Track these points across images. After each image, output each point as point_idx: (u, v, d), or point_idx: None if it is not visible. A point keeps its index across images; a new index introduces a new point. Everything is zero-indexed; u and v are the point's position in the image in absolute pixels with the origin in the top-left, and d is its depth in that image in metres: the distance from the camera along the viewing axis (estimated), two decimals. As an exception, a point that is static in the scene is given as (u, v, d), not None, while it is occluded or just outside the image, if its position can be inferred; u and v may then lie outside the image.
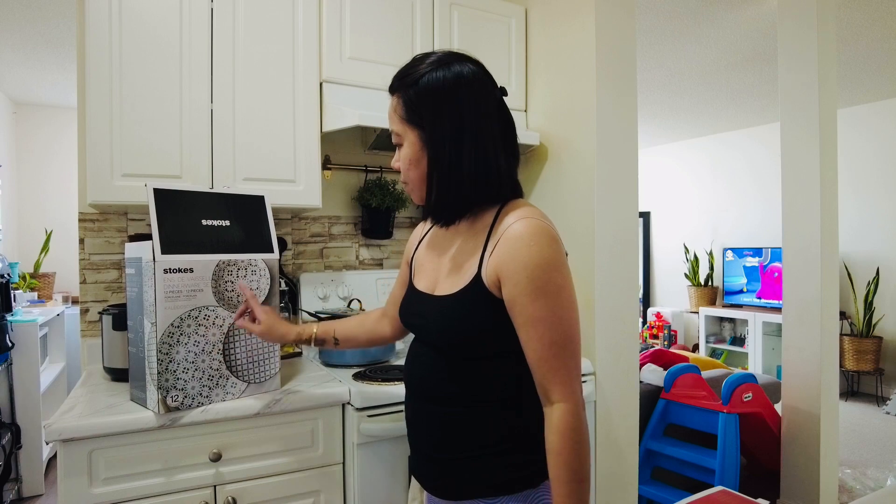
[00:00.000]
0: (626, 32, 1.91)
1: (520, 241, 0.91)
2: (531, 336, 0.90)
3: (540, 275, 0.89)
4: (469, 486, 0.98)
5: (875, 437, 3.81)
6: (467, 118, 0.95)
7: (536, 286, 0.89)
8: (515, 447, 0.97)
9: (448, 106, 0.96)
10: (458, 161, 0.95)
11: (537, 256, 0.89)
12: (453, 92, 0.96)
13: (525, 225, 0.92)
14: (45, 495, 2.92)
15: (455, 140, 0.95)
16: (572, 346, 0.90)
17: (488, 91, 1.01)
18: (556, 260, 0.90)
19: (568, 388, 0.89)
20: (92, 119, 1.50)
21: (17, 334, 2.77)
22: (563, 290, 0.90)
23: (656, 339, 6.00)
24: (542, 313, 0.89)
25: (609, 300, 1.88)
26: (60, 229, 4.43)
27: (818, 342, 2.29)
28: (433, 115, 0.96)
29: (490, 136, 0.97)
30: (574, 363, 0.90)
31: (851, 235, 4.90)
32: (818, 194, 2.28)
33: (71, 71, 3.72)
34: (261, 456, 1.39)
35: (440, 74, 0.96)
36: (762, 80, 4.13)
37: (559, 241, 0.93)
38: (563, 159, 2.00)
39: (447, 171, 0.96)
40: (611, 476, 1.90)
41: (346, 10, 1.82)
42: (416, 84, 0.97)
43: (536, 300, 0.89)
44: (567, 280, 0.91)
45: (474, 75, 0.99)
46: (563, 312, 0.89)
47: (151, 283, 1.24)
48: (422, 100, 0.97)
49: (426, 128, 0.97)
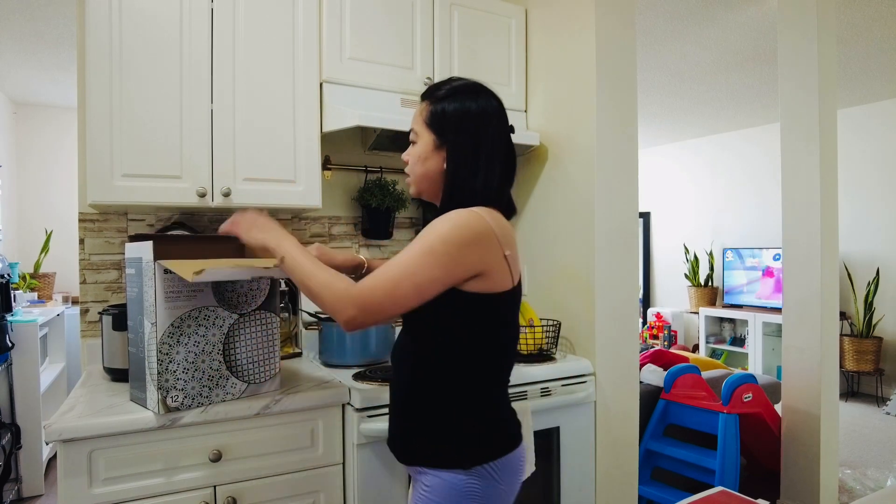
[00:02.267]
0: (627, 33, 1.91)
1: (442, 218, 1.07)
2: (388, 262, 1.05)
3: (429, 234, 1.04)
4: (411, 452, 1.11)
5: (875, 438, 3.81)
6: (485, 146, 1.13)
7: (419, 239, 1.05)
8: (447, 426, 1.08)
9: (472, 132, 1.13)
10: (472, 180, 1.12)
11: (439, 225, 1.05)
12: (478, 121, 1.13)
13: (457, 210, 1.07)
14: (45, 495, 2.92)
15: (472, 162, 1.12)
16: (395, 287, 1.01)
17: (504, 126, 1.17)
18: (450, 234, 1.03)
19: (367, 292, 1.02)
20: (92, 119, 1.50)
21: (17, 334, 2.77)
22: (429, 256, 1.02)
23: (656, 340, 6.00)
24: (409, 253, 1.04)
25: (609, 300, 1.88)
26: (60, 229, 4.43)
27: (818, 342, 2.29)
28: (458, 137, 1.13)
29: (498, 165, 1.14)
30: (382, 293, 1.02)
31: (851, 236, 4.90)
32: (818, 194, 2.28)
33: (71, 71, 3.71)
34: (261, 456, 1.39)
35: (470, 104, 1.14)
36: (762, 81, 4.13)
37: (473, 229, 1.04)
38: (563, 159, 2.00)
39: (460, 185, 1.13)
40: (611, 476, 1.90)
41: (346, 10, 1.82)
42: (446, 100, 1.15)
43: (410, 247, 1.04)
44: (444, 250, 1.02)
45: (496, 111, 1.16)
46: (410, 265, 1.02)
47: (151, 283, 1.24)
48: (450, 120, 1.14)
49: (446, 140, 1.14)
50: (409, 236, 2.27)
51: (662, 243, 6.59)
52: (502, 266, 1.08)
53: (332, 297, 1.03)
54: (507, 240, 1.10)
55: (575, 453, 1.83)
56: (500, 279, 1.09)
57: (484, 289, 1.07)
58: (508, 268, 1.10)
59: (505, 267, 1.09)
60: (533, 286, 2.15)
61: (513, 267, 1.11)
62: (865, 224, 4.84)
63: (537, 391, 1.73)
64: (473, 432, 1.08)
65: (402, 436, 1.13)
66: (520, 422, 1.17)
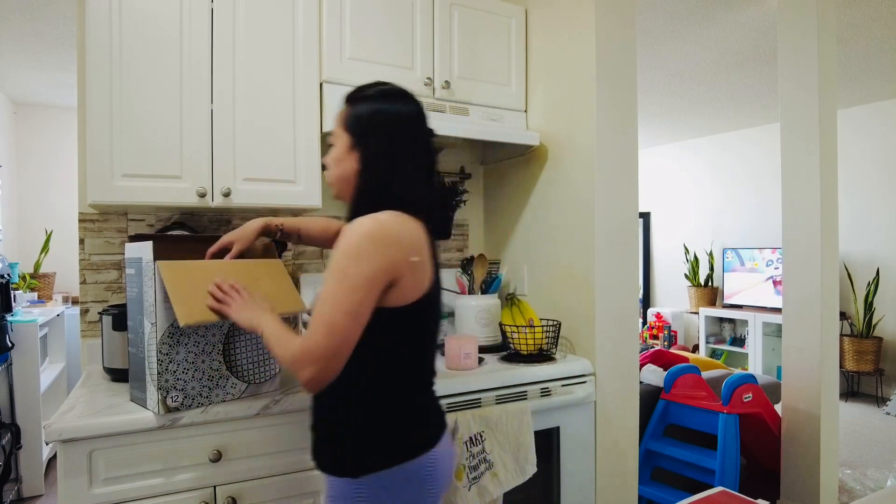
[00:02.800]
0: (627, 32, 1.91)
1: (344, 235, 1.06)
2: (315, 306, 1.04)
3: (338, 258, 1.03)
4: (317, 459, 1.13)
5: (875, 438, 3.81)
6: (398, 150, 1.14)
7: (332, 267, 1.04)
8: (347, 432, 1.09)
9: (385, 135, 1.14)
10: (383, 182, 1.13)
11: (344, 244, 1.04)
12: (392, 125, 1.14)
13: (357, 221, 1.06)
14: (45, 496, 2.92)
15: (383, 165, 1.13)
16: (331, 325, 1.00)
17: (421, 130, 1.18)
18: (356, 250, 1.02)
19: (311, 343, 1.01)
20: (92, 119, 1.50)
21: (17, 334, 2.77)
22: (347, 280, 1.01)
23: (656, 340, 6.00)
24: (327, 288, 1.03)
25: (609, 300, 1.88)
26: (60, 229, 4.43)
27: (818, 343, 2.29)
28: (371, 140, 1.14)
29: (413, 170, 1.15)
30: (323, 338, 1.00)
31: (851, 236, 4.90)
32: (818, 194, 2.28)
33: (71, 71, 3.71)
34: (261, 456, 1.39)
35: (385, 107, 1.15)
36: (762, 81, 4.13)
37: (374, 237, 1.04)
38: (563, 159, 2.00)
39: (370, 187, 1.13)
40: (611, 476, 1.90)
41: (346, 10, 1.82)
42: (364, 103, 1.16)
43: (327, 278, 1.03)
44: (357, 270, 1.01)
45: (413, 115, 1.17)
46: (335, 297, 1.01)
47: (151, 283, 1.24)
48: (362, 122, 1.15)
49: (359, 142, 1.14)
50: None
51: (662, 243, 6.59)
52: (409, 272, 1.07)
53: (289, 363, 1.03)
54: (413, 244, 1.08)
55: (575, 453, 1.83)
56: (409, 287, 1.07)
57: (396, 301, 1.06)
58: (416, 275, 1.08)
59: (411, 273, 1.07)
60: (533, 286, 2.15)
61: (420, 273, 1.09)
62: (865, 224, 4.84)
63: (537, 391, 1.73)
64: (366, 440, 1.07)
65: (314, 442, 1.15)
66: (440, 425, 1.16)
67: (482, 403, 1.64)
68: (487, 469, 1.57)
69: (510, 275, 2.25)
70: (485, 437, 1.57)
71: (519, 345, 1.86)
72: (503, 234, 2.32)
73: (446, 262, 2.35)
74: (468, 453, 1.53)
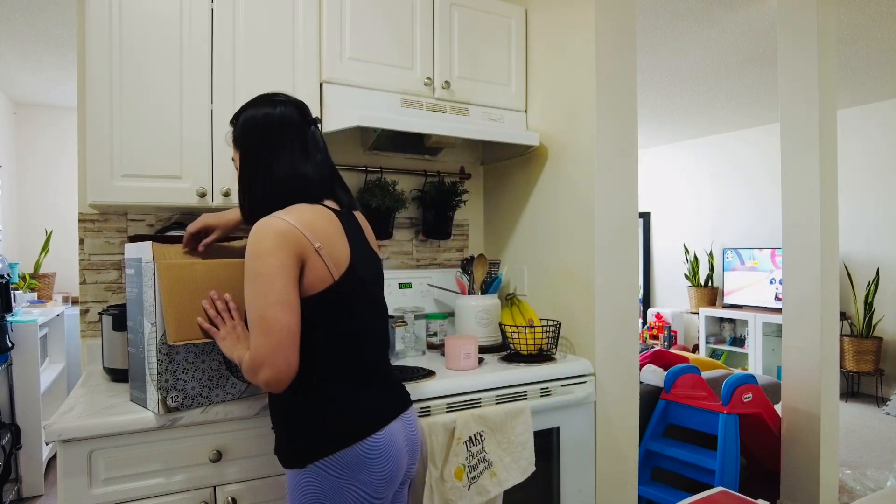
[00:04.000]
0: (627, 33, 1.91)
1: (248, 239, 1.11)
2: (247, 313, 1.08)
3: (247, 263, 1.09)
4: (277, 451, 1.17)
5: (875, 438, 3.81)
6: (266, 148, 1.18)
7: (245, 274, 1.09)
8: (288, 425, 1.13)
9: (252, 138, 1.20)
10: (253, 182, 1.19)
11: (248, 248, 1.09)
12: (259, 127, 1.19)
13: (257, 223, 1.11)
14: (45, 496, 2.92)
15: (254, 165, 1.19)
16: (263, 323, 1.04)
17: (292, 126, 1.21)
18: (258, 250, 1.07)
19: (253, 348, 1.05)
20: (92, 119, 1.50)
21: (17, 334, 2.77)
22: (260, 277, 1.06)
23: (656, 340, 6.00)
24: (248, 295, 1.08)
25: (609, 300, 1.88)
26: (60, 229, 4.43)
27: (818, 343, 2.29)
28: (243, 144, 1.21)
29: (287, 164, 1.18)
30: (261, 338, 1.04)
31: (851, 236, 4.91)
32: (818, 195, 2.28)
33: (71, 71, 3.72)
34: (261, 456, 1.39)
35: (251, 112, 1.21)
36: (762, 82, 4.13)
37: (272, 231, 1.08)
38: (563, 159, 2.00)
39: (245, 188, 1.20)
40: (611, 476, 1.90)
41: (346, 10, 1.82)
42: (239, 116, 1.23)
43: (247, 285, 1.08)
44: (267, 267, 1.06)
45: (281, 114, 1.20)
46: (257, 296, 1.05)
47: (151, 283, 1.24)
48: (238, 128, 1.23)
49: (240, 152, 1.22)
50: (409, 236, 2.27)
51: (662, 243, 6.59)
52: (316, 259, 1.10)
53: (248, 376, 1.07)
54: (315, 232, 1.11)
55: (575, 453, 1.83)
56: (317, 274, 1.10)
57: (308, 289, 1.10)
58: (323, 262, 1.11)
59: (318, 259, 1.10)
60: (533, 286, 2.15)
61: (328, 261, 1.12)
62: (865, 224, 4.84)
63: (537, 391, 1.73)
64: (306, 430, 1.11)
65: (275, 438, 1.19)
66: (390, 409, 1.19)
67: (482, 403, 1.64)
68: (486, 469, 1.57)
69: (510, 275, 2.25)
70: (484, 436, 1.57)
71: (519, 345, 1.86)
72: (503, 234, 2.32)
73: (446, 262, 2.35)
74: (468, 453, 1.53)
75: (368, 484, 1.11)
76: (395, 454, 1.16)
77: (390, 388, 1.23)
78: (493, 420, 1.60)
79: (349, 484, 1.10)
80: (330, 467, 1.09)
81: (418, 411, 1.54)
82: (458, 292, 2.13)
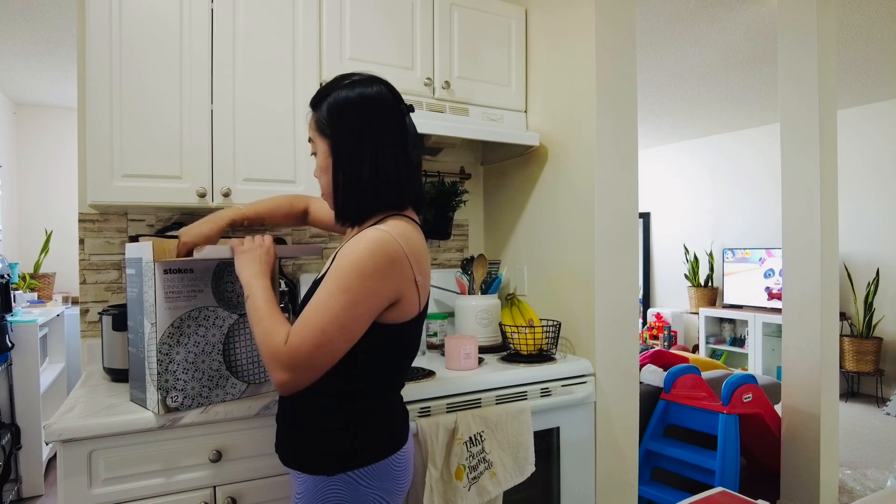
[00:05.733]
0: (627, 33, 1.91)
1: (354, 242, 1.01)
2: (308, 307, 0.99)
3: (345, 267, 0.98)
4: (290, 457, 1.12)
5: (875, 438, 3.81)
6: (367, 133, 1.07)
7: (336, 275, 0.98)
8: (322, 432, 1.08)
9: (351, 121, 1.07)
10: (359, 170, 1.07)
11: (355, 254, 0.98)
12: (357, 109, 1.07)
13: (371, 231, 1.02)
14: (45, 496, 2.92)
15: (355, 152, 1.07)
16: (321, 335, 0.96)
17: (390, 109, 1.10)
18: (366, 265, 0.97)
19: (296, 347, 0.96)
20: (92, 119, 1.50)
21: (17, 335, 2.77)
22: (350, 293, 0.96)
23: (656, 340, 6.00)
24: (323, 294, 0.98)
25: (609, 300, 1.88)
26: (60, 229, 4.43)
27: (818, 343, 2.29)
28: (338, 129, 1.08)
29: (390, 151, 1.08)
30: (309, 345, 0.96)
31: (851, 236, 4.91)
32: (818, 195, 2.28)
33: (71, 71, 3.72)
34: (261, 456, 1.39)
35: (345, 94, 1.09)
36: (762, 82, 4.13)
37: (388, 255, 0.99)
38: (563, 159, 2.00)
39: (348, 179, 1.08)
40: (611, 477, 1.90)
41: (346, 10, 1.82)
42: (327, 100, 1.10)
43: (328, 284, 0.98)
44: (363, 286, 0.97)
45: (378, 95, 1.09)
46: (331, 307, 0.96)
47: (151, 283, 1.24)
48: (331, 114, 1.09)
49: (333, 139, 1.09)
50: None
51: (662, 243, 6.59)
52: (413, 291, 1.05)
53: (266, 357, 0.98)
54: (419, 263, 1.05)
55: (575, 454, 1.83)
56: (409, 306, 1.06)
57: (395, 318, 1.05)
58: (418, 293, 1.06)
59: (415, 292, 1.05)
60: (533, 286, 2.15)
61: (422, 292, 1.07)
62: (865, 224, 4.84)
63: (537, 391, 1.73)
64: (343, 442, 1.07)
65: (286, 441, 1.14)
66: (407, 424, 1.18)
67: (482, 403, 1.64)
68: (487, 469, 1.57)
69: (510, 275, 2.25)
70: (484, 437, 1.57)
71: (519, 345, 1.86)
72: (503, 234, 2.32)
73: (446, 262, 2.35)
74: (468, 453, 1.53)
75: (391, 493, 1.11)
76: (412, 466, 1.18)
77: (404, 403, 1.23)
78: (493, 420, 1.60)
79: (375, 493, 1.08)
80: (362, 477, 1.07)
81: (418, 411, 1.54)
82: (458, 292, 2.13)
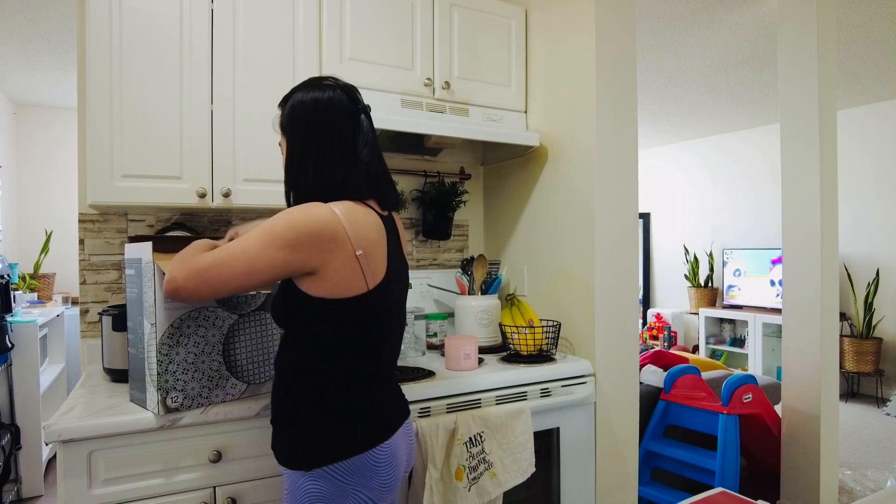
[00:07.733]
0: (626, 34, 1.91)
1: (295, 207, 1.07)
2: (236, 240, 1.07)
3: (275, 217, 1.05)
4: (276, 452, 1.14)
5: (875, 439, 3.81)
6: (316, 136, 1.13)
7: (267, 225, 1.05)
8: (296, 425, 1.11)
9: (302, 123, 1.14)
10: (305, 171, 1.13)
11: (291, 210, 1.06)
12: (309, 112, 1.14)
13: (307, 205, 1.07)
14: (45, 496, 2.92)
15: (303, 153, 1.13)
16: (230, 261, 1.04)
17: (342, 112, 1.15)
18: (294, 219, 1.04)
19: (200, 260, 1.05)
20: (92, 119, 1.50)
21: (16, 335, 2.77)
22: (271, 235, 1.03)
23: (656, 341, 6.00)
24: (247, 237, 1.05)
25: (609, 301, 1.88)
26: (60, 230, 4.43)
27: (818, 343, 2.29)
28: (292, 130, 1.15)
29: (338, 153, 1.13)
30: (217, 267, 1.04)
31: (851, 236, 4.90)
32: (818, 195, 2.28)
33: (71, 71, 3.72)
34: (261, 456, 1.39)
35: (301, 96, 1.15)
36: (762, 82, 4.13)
37: (318, 220, 1.04)
38: (563, 160, 2.00)
39: (295, 178, 1.14)
40: (611, 477, 1.90)
41: (346, 10, 1.82)
42: (288, 100, 1.18)
43: (256, 233, 1.05)
44: (284, 234, 1.02)
45: (330, 99, 1.14)
46: (252, 242, 1.04)
47: (151, 283, 1.24)
48: (288, 116, 1.17)
49: (288, 139, 1.16)
50: (409, 237, 2.28)
51: (662, 244, 6.59)
52: (350, 267, 1.06)
53: (174, 262, 1.07)
54: (363, 239, 1.07)
55: (575, 454, 1.83)
56: (343, 281, 1.06)
57: (325, 292, 1.06)
58: (360, 269, 1.07)
59: (355, 268, 1.06)
60: (533, 286, 2.15)
61: (366, 268, 1.08)
62: (865, 225, 4.84)
63: (537, 391, 1.73)
64: (318, 435, 1.09)
65: (274, 436, 1.16)
66: (397, 417, 1.18)
67: (482, 404, 1.64)
68: (487, 469, 1.57)
69: (510, 275, 2.25)
70: (484, 437, 1.57)
71: (519, 345, 1.86)
72: (503, 234, 2.32)
73: (446, 262, 2.35)
74: (468, 454, 1.53)
75: (372, 490, 1.10)
76: (398, 462, 1.16)
77: (395, 397, 1.22)
78: (493, 421, 1.60)
79: (354, 489, 1.09)
80: (338, 473, 1.07)
81: (418, 412, 1.54)
82: (457, 293, 2.13)
